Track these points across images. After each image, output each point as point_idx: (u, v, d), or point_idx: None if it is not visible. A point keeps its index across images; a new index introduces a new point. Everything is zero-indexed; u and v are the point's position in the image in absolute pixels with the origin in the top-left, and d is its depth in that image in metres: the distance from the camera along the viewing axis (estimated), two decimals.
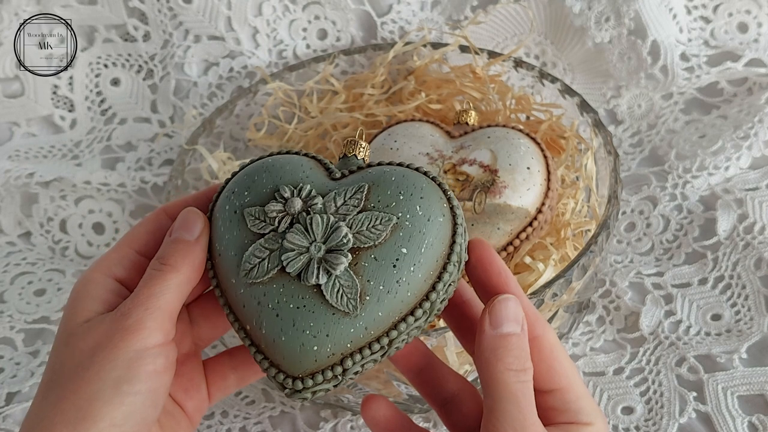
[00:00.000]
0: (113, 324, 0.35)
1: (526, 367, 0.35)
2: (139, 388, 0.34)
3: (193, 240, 0.37)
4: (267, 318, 0.36)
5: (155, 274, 0.36)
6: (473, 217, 0.57)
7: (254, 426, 0.59)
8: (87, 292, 0.38)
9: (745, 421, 0.55)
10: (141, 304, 0.35)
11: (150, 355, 0.35)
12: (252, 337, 0.37)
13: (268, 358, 0.36)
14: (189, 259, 0.37)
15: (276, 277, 0.36)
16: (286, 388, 0.36)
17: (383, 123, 0.70)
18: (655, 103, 0.79)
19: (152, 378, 0.35)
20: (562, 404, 0.36)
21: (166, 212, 0.40)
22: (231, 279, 0.37)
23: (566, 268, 0.53)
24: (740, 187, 0.70)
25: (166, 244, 0.38)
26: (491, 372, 0.35)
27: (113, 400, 0.33)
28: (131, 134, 0.81)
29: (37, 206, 0.75)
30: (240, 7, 0.77)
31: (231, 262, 0.37)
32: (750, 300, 0.62)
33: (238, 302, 0.37)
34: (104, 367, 0.34)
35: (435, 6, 0.79)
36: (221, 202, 0.38)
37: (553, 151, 0.66)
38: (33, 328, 0.67)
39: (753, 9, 0.78)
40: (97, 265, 0.39)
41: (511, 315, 0.36)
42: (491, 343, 0.35)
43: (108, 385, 0.33)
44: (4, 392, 0.62)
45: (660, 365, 0.60)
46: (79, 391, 0.34)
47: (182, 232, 0.38)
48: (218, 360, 0.43)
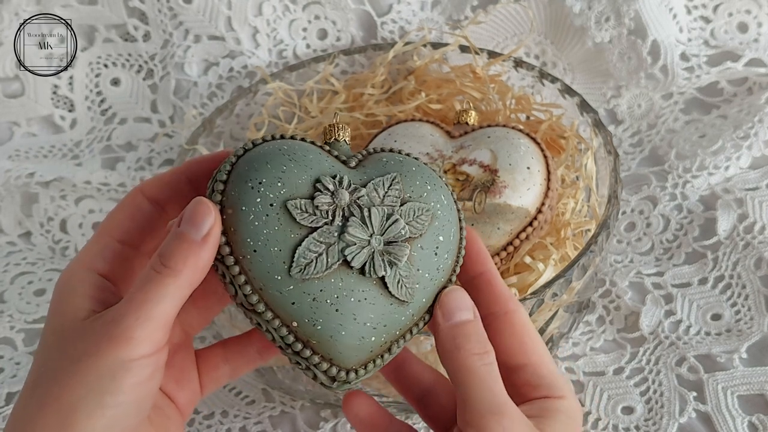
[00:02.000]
0: (102, 329, 0.33)
1: (487, 350, 0.36)
2: (123, 400, 0.33)
3: (200, 239, 0.34)
4: (324, 314, 0.35)
5: (153, 277, 0.34)
6: (473, 217, 0.57)
7: (254, 426, 0.59)
8: (71, 289, 0.36)
9: (745, 420, 0.55)
10: (133, 311, 0.33)
11: (136, 366, 0.33)
12: (299, 334, 0.35)
13: (318, 353, 0.35)
14: (192, 262, 0.34)
15: (335, 271, 0.35)
16: (337, 381, 0.36)
17: (383, 123, 0.70)
18: (655, 103, 0.79)
19: (136, 389, 0.33)
20: (535, 378, 0.37)
21: (143, 192, 0.38)
22: (275, 276, 0.35)
23: (566, 267, 0.53)
24: (740, 186, 0.70)
25: (170, 240, 0.34)
26: (455, 360, 0.36)
27: (95, 411, 0.32)
28: (131, 134, 0.81)
29: (37, 206, 0.75)
30: (240, 7, 0.77)
31: (275, 258, 0.35)
32: (750, 300, 0.62)
33: (285, 300, 0.35)
34: (88, 376, 0.33)
35: (435, 6, 0.79)
36: (248, 195, 0.35)
37: (553, 151, 0.66)
38: (33, 328, 0.67)
39: (753, 9, 0.78)
40: (78, 259, 0.37)
41: (461, 304, 0.37)
42: (448, 334, 0.36)
43: (91, 395, 0.32)
44: (4, 392, 0.62)
45: (660, 365, 0.60)
46: (61, 398, 0.33)
47: (189, 228, 0.34)
48: (210, 351, 0.42)
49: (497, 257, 0.57)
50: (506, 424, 0.34)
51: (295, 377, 0.57)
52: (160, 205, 0.39)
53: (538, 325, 0.55)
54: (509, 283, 0.56)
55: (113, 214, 0.38)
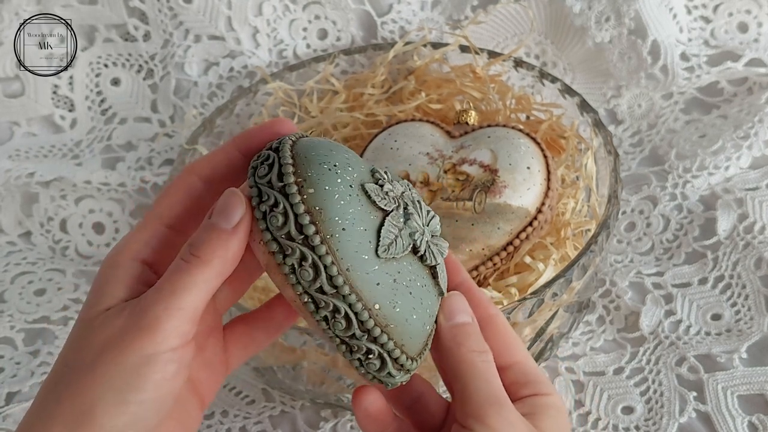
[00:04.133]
0: (129, 319, 0.33)
1: (485, 349, 0.38)
2: (144, 398, 0.32)
3: (231, 229, 0.34)
4: (402, 296, 0.35)
5: (182, 267, 0.33)
6: (473, 217, 0.57)
7: (254, 426, 0.59)
8: (111, 277, 0.35)
9: (745, 420, 0.55)
10: (161, 301, 0.32)
11: (161, 361, 0.32)
12: (378, 319, 0.35)
13: (392, 338, 0.35)
14: (222, 252, 0.33)
15: (406, 255, 0.36)
16: (404, 370, 0.36)
17: (383, 123, 0.70)
18: (655, 103, 0.79)
19: (160, 386, 0.32)
20: (522, 376, 0.38)
21: (194, 172, 0.37)
22: (363, 255, 0.34)
23: (566, 267, 0.53)
24: (740, 186, 0.70)
25: (201, 230, 0.34)
26: (456, 356, 0.37)
27: (116, 408, 0.32)
28: (131, 134, 0.81)
29: (38, 206, 0.75)
30: (240, 6, 0.77)
31: (362, 237, 0.34)
32: (750, 300, 0.62)
33: (371, 281, 0.34)
34: (110, 370, 0.32)
35: (435, 6, 0.79)
36: (328, 176, 0.35)
37: (553, 151, 0.66)
38: (33, 328, 0.67)
39: (753, 9, 0.78)
40: (124, 247, 0.36)
41: (461, 307, 0.39)
42: (449, 333, 0.38)
43: (112, 392, 0.32)
44: (4, 392, 0.62)
45: (660, 365, 0.60)
46: (82, 393, 0.32)
47: (219, 219, 0.34)
48: (234, 327, 0.40)
49: (497, 257, 0.57)
50: (505, 415, 0.35)
51: (295, 377, 0.57)
52: (212, 185, 0.38)
53: (538, 325, 0.55)
54: (509, 283, 0.57)
55: (165, 199, 0.37)
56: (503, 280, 0.57)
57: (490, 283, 0.58)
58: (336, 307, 0.34)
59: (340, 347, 0.35)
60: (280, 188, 0.34)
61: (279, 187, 0.34)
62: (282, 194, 0.34)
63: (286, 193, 0.34)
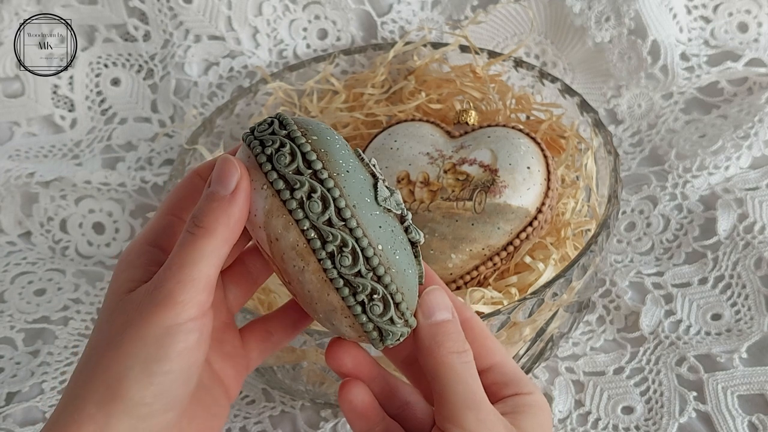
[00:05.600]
0: (145, 297, 0.34)
1: (465, 349, 0.37)
2: (170, 368, 0.33)
3: (229, 195, 0.34)
4: (399, 247, 0.36)
5: (188, 239, 0.34)
6: (473, 217, 0.57)
7: (254, 426, 0.59)
8: (129, 262, 0.36)
9: (745, 420, 0.55)
10: (173, 275, 0.33)
11: (182, 331, 0.33)
12: (381, 259, 0.35)
13: (394, 282, 0.36)
14: (225, 218, 0.34)
15: (395, 218, 0.37)
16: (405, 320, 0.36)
17: (383, 123, 0.70)
18: (655, 103, 0.79)
19: (183, 356, 0.33)
20: (502, 377, 0.38)
21: (200, 175, 0.38)
22: (365, 198, 0.36)
23: (566, 267, 0.53)
24: (740, 186, 0.70)
25: (202, 200, 0.35)
26: (435, 358, 0.36)
27: (142, 379, 0.32)
28: (131, 134, 0.81)
29: (38, 206, 0.75)
30: (240, 6, 0.77)
31: (363, 183, 0.36)
32: (750, 300, 0.62)
33: (374, 222, 0.36)
34: (134, 345, 0.33)
35: (435, 6, 0.79)
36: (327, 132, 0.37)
37: (553, 151, 0.66)
38: (33, 328, 0.67)
39: (753, 9, 0.78)
40: (141, 235, 0.38)
41: (441, 303, 0.38)
42: (429, 332, 0.37)
43: (137, 364, 0.32)
44: (4, 392, 0.62)
45: (660, 365, 0.60)
46: (109, 369, 0.33)
47: (217, 186, 0.35)
48: (253, 326, 0.42)
49: (497, 257, 0.57)
50: (482, 417, 0.35)
51: (295, 377, 0.57)
52: None
53: (538, 325, 0.55)
54: (509, 283, 0.57)
55: (174, 194, 0.38)
56: (503, 280, 0.57)
57: (490, 283, 0.58)
58: (344, 240, 0.35)
59: (342, 290, 0.35)
60: (284, 135, 0.35)
61: (283, 134, 0.35)
62: (287, 138, 0.35)
63: (291, 137, 0.35)
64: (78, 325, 0.67)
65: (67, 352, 0.65)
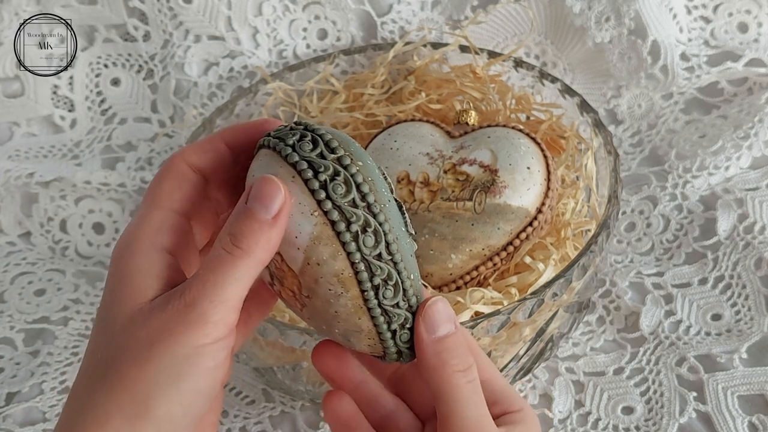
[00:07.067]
0: (175, 314, 0.32)
1: (470, 364, 0.36)
2: (199, 385, 0.33)
3: (271, 219, 0.33)
4: (416, 270, 0.37)
5: (226, 258, 0.33)
6: (473, 217, 0.57)
7: (254, 426, 0.59)
8: (139, 267, 0.34)
9: (745, 421, 0.55)
10: (206, 294, 0.32)
11: (212, 350, 0.32)
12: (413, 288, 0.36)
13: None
14: (264, 243, 0.33)
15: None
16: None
17: (383, 123, 0.70)
18: (655, 103, 0.79)
19: (212, 374, 0.33)
20: (491, 395, 0.37)
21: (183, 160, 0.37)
22: (401, 227, 0.36)
23: (566, 268, 0.53)
24: (740, 186, 0.70)
25: (240, 219, 0.33)
26: (440, 377, 0.36)
27: (172, 397, 0.32)
28: (131, 134, 0.81)
29: (37, 206, 0.75)
30: (240, 7, 0.77)
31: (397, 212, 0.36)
32: (750, 300, 0.62)
33: (408, 251, 0.36)
34: (163, 362, 0.32)
35: (435, 6, 0.79)
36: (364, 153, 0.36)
37: (553, 151, 0.66)
38: (33, 328, 0.67)
39: (753, 9, 0.78)
40: (141, 235, 0.35)
41: (444, 316, 0.36)
42: (433, 349, 0.36)
43: (167, 381, 0.32)
44: (4, 392, 0.62)
45: (660, 365, 0.60)
46: (137, 384, 0.32)
47: (258, 207, 0.33)
48: None
49: (497, 257, 0.57)
50: None
51: (295, 377, 0.57)
52: (202, 174, 0.37)
53: (538, 325, 0.55)
54: (509, 283, 0.56)
55: (160, 185, 0.36)
56: (503, 280, 0.57)
57: (490, 284, 0.58)
58: (389, 274, 0.35)
59: (378, 318, 0.35)
60: (334, 159, 0.34)
61: (333, 158, 0.34)
62: (339, 165, 0.34)
63: (342, 164, 0.34)
64: (78, 325, 0.67)
65: (67, 353, 0.65)
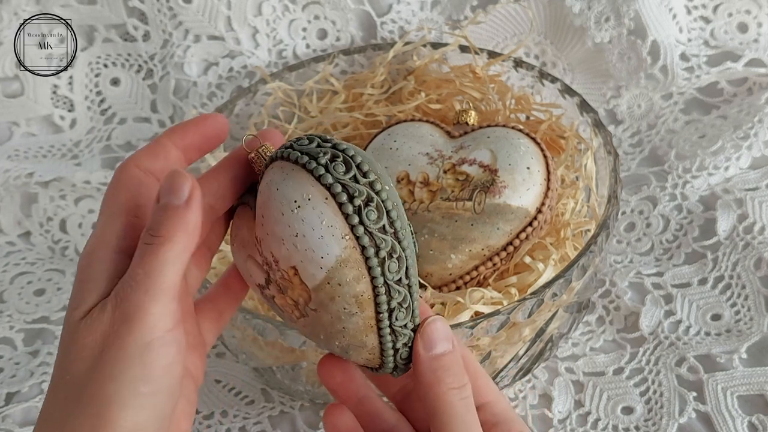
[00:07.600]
0: (114, 313, 0.32)
1: (464, 383, 0.37)
2: (157, 387, 0.32)
3: (183, 203, 0.33)
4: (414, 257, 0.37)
5: (149, 249, 0.33)
6: (473, 217, 0.57)
7: (254, 426, 0.59)
8: (90, 275, 0.34)
9: (745, 421, 0.55)
10: (139, 286, 0.32)
11: (162, 345, 0.32)
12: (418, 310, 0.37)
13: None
14: (182, 226, 0.33)
15: None
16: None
17: (383, 123, 0.70)
18: (655, 103, 0.79)
19: (168, 373, 0.32)
20: (493, 417, 0.38)
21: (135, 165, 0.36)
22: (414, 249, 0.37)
23: (566, 268, 0.53)
24: (740, 187, 0.70)
25: (155, 213, 0.34)
26: (435, 394, 0.36)
27: (131, 402, 0.31)
28: (131, 134, 0.81)
29: (37, 206, 0.75)
30: (240, 6, 0.77)
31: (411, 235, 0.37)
32: (750, 300, 0.62)
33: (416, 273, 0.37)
34: (116, 367, 0.31)
35: (435, 6, 0.79)
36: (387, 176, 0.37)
37: (553, 151, 0.66)
38: (33, 328, 0.67)
39: (753, 9, 0.78)
40: (99, 239, 0.35)
41: (442, 334, 0.37)
42: (429, 366, 0.37)
43: (124, 386, 0.31)
44: (4, 392, 0.62)
45: (660, 365, 0.60)
46: (95, 395, 0.31)
47: (170, 197, 0.34)
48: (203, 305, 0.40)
49: (497, 257, 0.57)
50: None
51: (294, 377, 0.57)
52: (156, 177, 0.37)
53: (538, 325, 0.55)
54: (509, 283, 0.56)
55: (115, 193, 0.36)
56: (503, 280, 0.57)
57: (490, 284, 0.58)
58: (405, 298, 0.36)
59: (386, 337, 0.36)
60: (367, 184, 0.35)
61: (366, 183, 0.35)
62: (372, 190, 0.35)
63: (375, 189, 0.35)
64: None
65: None
